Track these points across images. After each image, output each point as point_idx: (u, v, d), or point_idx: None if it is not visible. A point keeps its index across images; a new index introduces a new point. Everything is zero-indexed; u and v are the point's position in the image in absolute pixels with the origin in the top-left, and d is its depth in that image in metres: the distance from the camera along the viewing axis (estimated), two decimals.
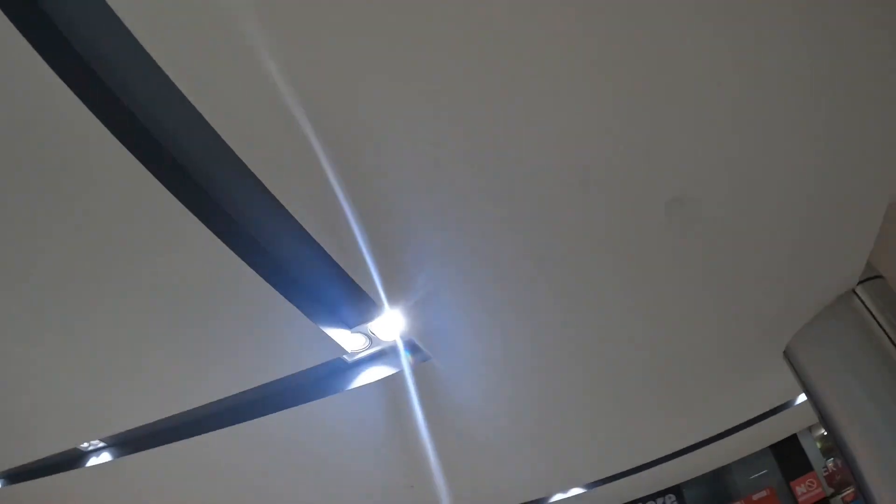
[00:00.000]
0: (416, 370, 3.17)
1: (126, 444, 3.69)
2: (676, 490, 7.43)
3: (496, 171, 2.18)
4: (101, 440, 3.67)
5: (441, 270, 2.65)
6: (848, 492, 7.58)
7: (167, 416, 3.30)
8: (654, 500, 7.41)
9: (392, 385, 3.20)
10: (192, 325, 2.70)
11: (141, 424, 3.34)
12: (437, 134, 1.99)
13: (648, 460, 5.90)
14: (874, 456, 3.49)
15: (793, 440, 7.27)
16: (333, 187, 2.15)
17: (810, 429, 7.64)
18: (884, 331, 3.54)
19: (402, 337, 3.02)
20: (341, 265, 2.50)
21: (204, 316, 2.68)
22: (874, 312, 3.59)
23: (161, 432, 3.59)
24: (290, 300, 2.57)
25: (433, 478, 4.58)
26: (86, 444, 3.67)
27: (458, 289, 2.78)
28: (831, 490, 7.30)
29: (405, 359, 3.04)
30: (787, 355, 4.16)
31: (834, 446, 7.95)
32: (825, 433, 8.22)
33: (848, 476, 7.66)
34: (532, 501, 6.19)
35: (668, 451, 5.82)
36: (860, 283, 3.65)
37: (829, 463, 7.51)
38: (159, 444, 3.55)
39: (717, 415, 5.47)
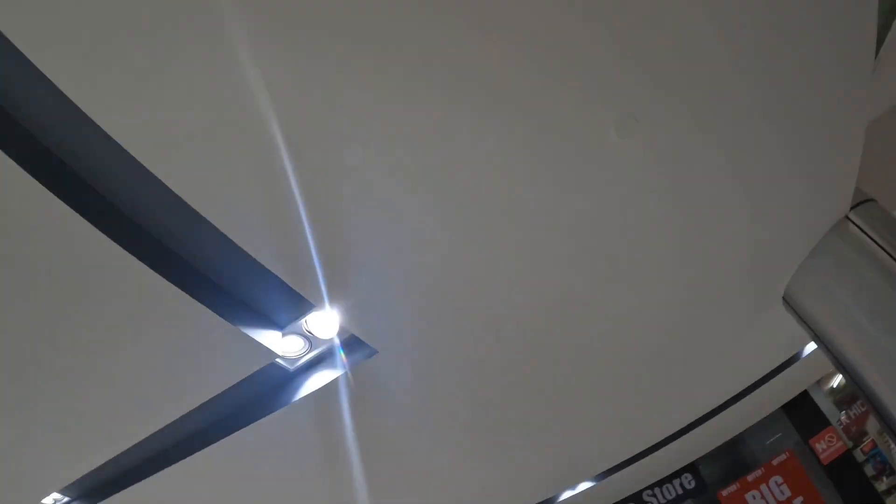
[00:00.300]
0: (363, 367, 2.77)
1: (86, 496, 3.36)
2: (692, 468, 7.11)
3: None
4: (63, 494, 3.36)
5: (385, 264, 2.43)
6: (866, 442, 7.34)
7: (108, 459, 2.94)
8: (671, 482, 7.07)
9: (342, 388, 2.79)
10: (100, 349, 2.29)
11: (87, 472, 3.01)
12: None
13: (657, 440, 5.51)
14: None
15: (804, 397, 7.04)
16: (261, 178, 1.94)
17: (819, 383, 7.46)
18: (886, 252, 3.26)
19: (342, 334, 2.62)
20: (256, 258, 2.15)
21: (115, 339, 2.28)
22: (872, 235, 3.33)
23: (116, 478, 3.25)
24: (201, 302, 2.17)
25: (412, 492, 4.15)
26: (50, 501, 3.40)
27: (403, 277, 2.49)
28: (851, 443, 7.09)
29: (339, 357, 2.65)
30: (787, 300, 3.82)
31: (851, 390, 7.85)
32: (834, 386, 8.07)
33: (864, 425, 7.48)
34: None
35: (677, 427, 5.44)
36: (852, 208, 3.40)
37: (843, 416, 7.30)
38: (119, 489, 3.20)
39: (723, 380, 5.14)
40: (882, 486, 6.90)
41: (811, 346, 5.24)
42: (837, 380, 8.36)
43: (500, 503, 5.51)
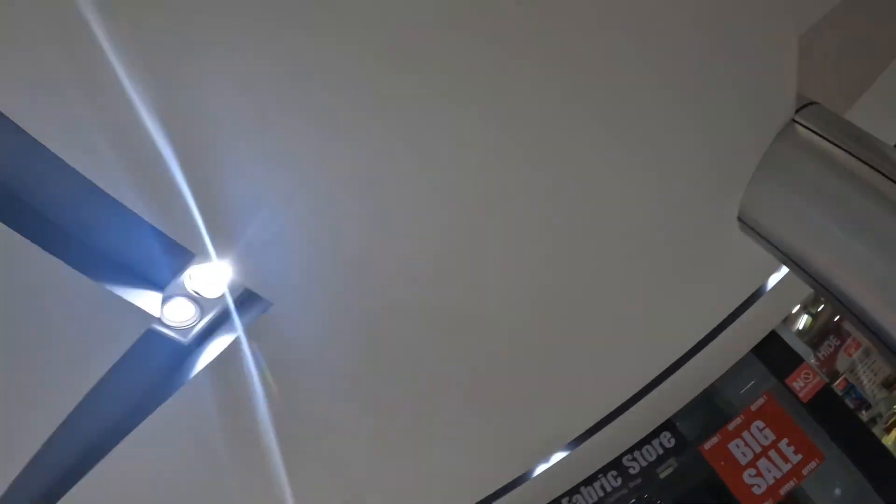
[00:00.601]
0: (266, 326, 2.42)
1: None
2: (669, 426, 6.93)
3: None
4: None
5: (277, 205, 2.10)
6: (838, 381, 7.37)
7: None
8: (650, 443, 6.87)
9: (244, 354, 2.41)
10: None
11: None
12: None
13: (627, 397, 5.19)
14: (885, 295, 2.82)
15: (774, 338, 6.91)
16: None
17: (785, 323, 7.41)
18: (842, 148, 3.02)
19: (235, 290, 2.26)
20: (112, 194, 1.76)
21: None
22: (822, 133, 3.11)
23: None
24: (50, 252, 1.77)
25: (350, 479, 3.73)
26: None
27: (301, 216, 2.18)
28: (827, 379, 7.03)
29: (234, 317, 2.27)
30: (743, 219, 3.53)
31: (819, 329, 7.88)
32: (801, 328, 8.06)
33: (834, 364, 7.47)
34: (509, 484, 5.31)
35: (645, 381, 5.13)
36: (797, 112, 3.20)
37: (812, 359, 7.29)
38: None
39: (686, 324, 4.88)
40: (863, 419, 6.88)
41: (774, 280, 5.04)
42: (804, 320, 8.39)
43: (463, 488, 5.11)
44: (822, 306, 8.46)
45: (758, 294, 5.08)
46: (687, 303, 4.45)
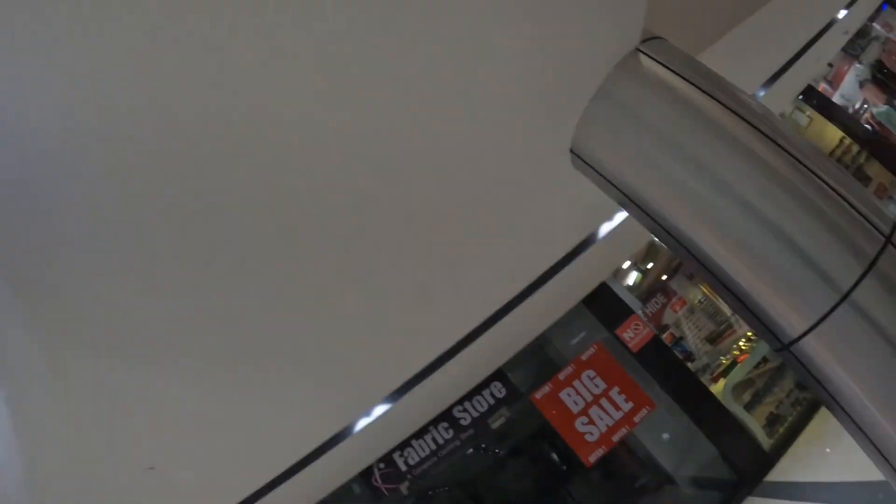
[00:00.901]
0: None
1: None
2: (500, 376, 6.93)
3: None
4: None
5: None
6: (665, 335, 7.66)
7: None
8: (480, 394, 6.84)
9: None
10: None
11: None
12: None
13: (449, 345, 4.86)
14: (724, 234, 2.68)
15: (604, 290, 7.13)
16: None
17: (616, 277, 7.86)
18: (684, 78, 2.87)
19: None
20: None
21: None
22: (667, 64, 2.94)
23: None
24: None
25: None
26: None
27: None
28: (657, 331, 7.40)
29: None
30: (576, 152, 3.23)
31: (648, 285, 8.11)
32: (631, 284, 8.31)
33: (661, 319, 7.74)
34: (327, 441, 4.86)
35: (469, 328, 4.83)
36: (642, 43, 3.02)
37: (641, 314, 7.56)
38: None
39: (514, 267, 4.67)
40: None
41: (607, 228, 4.93)
42: (633, 277, 8.67)
43: (272, 449, 4.58)
44: (652, 264, 8.81)
45: (590, 241, 4.94)
46: (513, 243, 4.19)
